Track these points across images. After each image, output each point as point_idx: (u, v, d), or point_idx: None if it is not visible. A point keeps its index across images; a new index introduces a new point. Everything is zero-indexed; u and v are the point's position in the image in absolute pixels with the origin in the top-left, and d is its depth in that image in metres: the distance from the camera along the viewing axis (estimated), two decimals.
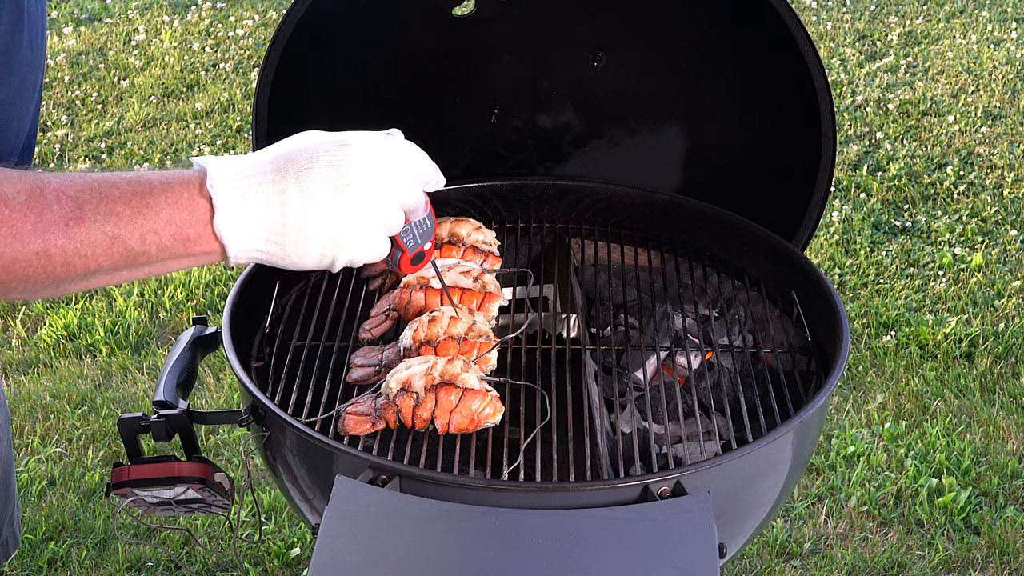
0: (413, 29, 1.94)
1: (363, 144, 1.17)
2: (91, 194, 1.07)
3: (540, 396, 1.55)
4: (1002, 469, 3.05)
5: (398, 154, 1.20)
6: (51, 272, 1.06)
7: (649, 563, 1.26)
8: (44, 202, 1.04)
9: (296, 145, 1.17)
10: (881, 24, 6.03)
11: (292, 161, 1.14)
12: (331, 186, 1.14)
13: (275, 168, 1.14)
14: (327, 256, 1.17)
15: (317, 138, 1.18)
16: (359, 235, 1.17)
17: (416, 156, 1.22)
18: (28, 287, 1.06)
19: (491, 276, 1.67)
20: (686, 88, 2.01)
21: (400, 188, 1.20)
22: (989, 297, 3.80)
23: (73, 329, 3.72)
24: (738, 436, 1.62)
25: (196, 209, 1.10)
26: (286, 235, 1.14)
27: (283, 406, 1.52)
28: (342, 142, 1.17)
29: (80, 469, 3.11)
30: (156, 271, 1.13)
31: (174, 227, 1.10)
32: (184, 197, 1.10)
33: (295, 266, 1.18)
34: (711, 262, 1.96)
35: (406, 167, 1.21)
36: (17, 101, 1.27)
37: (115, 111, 5.29)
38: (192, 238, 1.11)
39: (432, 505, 1.31)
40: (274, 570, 2.78)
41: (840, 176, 4.55)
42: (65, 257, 1.05)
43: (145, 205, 1.08)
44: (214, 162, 1.13)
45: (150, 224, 1.08)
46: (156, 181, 1.10)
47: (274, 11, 6.25)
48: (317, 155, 1.15)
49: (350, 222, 1.16)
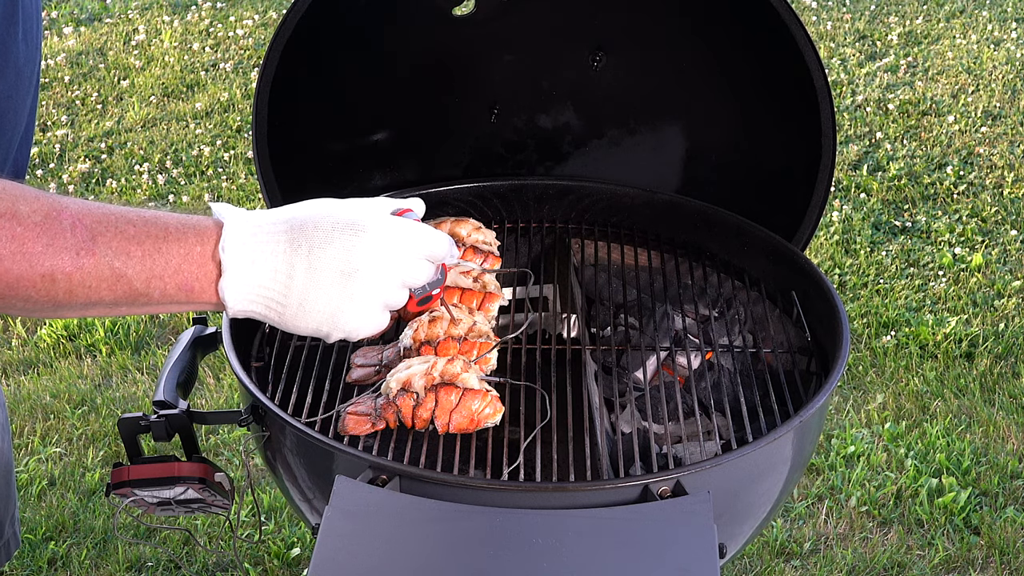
0: (413, 29, 1.94)
1: (378, 231, 1.18)
2: (106, 227, 1.07)
3: (540, 396, 1.55)
4: (1002, 469, 3.05)
5: (410, 240, 1.21)
6: (52, 297, 1.06)
7: (649, 563, 1.26)
8: (59, 227, 1.04)
9: (312, 215, 1.17)
10: (881, 24, 6.03)
11: (306, 235, 1.15)
12: (339, 271, 1.16)
13: (289, 239, 1.15)
14: (322, 331, 1.19)
15: (334, 212, 1.18)
16: (358, 317, 1.19)
17: (429, 240, 1.23)
18: (27, 306, 1.07)
19: (491, 276, 1.67)
20: (686, 88, 2.01)
21: (408, 272, 1.21)
22: (989, 297, 3.80)
23: (73, 329, 3.72)
24: (738, 436, 1.62)
25: (205, 266, 1.12)
26: (286, 306, 1.16)
27: (283, 406, 1.52)
28: (358, 226, 1.17)
29: (80, 469, 3.11)
30: (152, 311, 1.15)
31: (180, 278, 1.11)
32: (196, 251, 1.11)
33: (288, 331, 1.20)
34: (711, 262, 1.95)
35: (418, 251, 1.22)
36: (13, 95, 1.27)
37: (115, 111, 5.29)
38: (196, 290, 1.12)
39: (432, 505, 1.31)
40: (274, 570, 2.78)
41: (840, 176, 4.55)
42: (70, 285, 1.06)
43: (157, 250, 1.09)
44: (232, 217, 1.14)
45: (158, 270, 1.10)
46: (172, 227, 1.11)
47: (274, 11, 6.25)
48: (332, 236, 1.15)
49: (351, 307, 1.18)
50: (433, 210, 1.90)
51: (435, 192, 1.97)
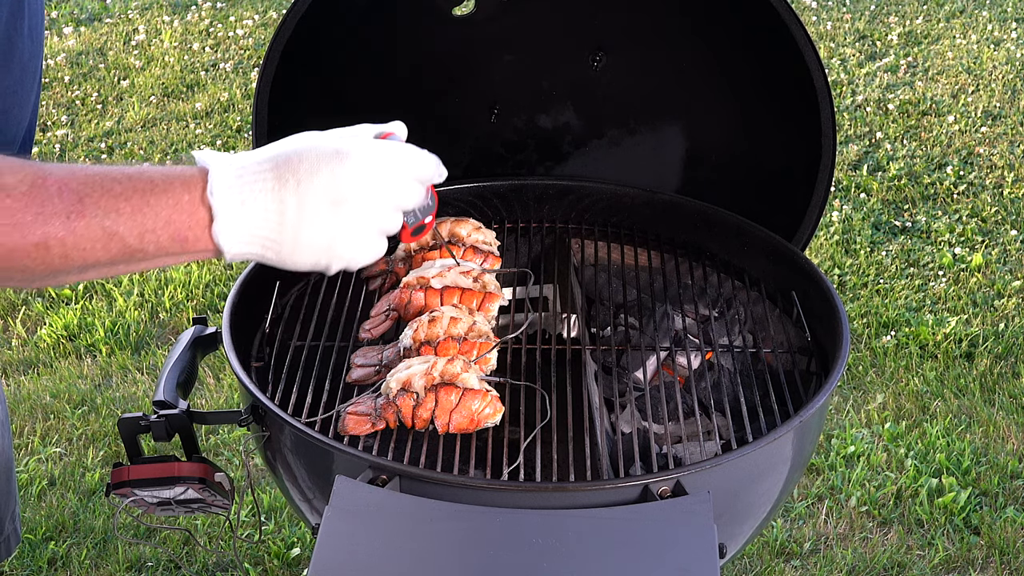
0: (413, 29, 1.94)
1: (361, 155, 1.17)
2: (92, 188, 1.07)
3: (540, 396, 1.55)
4: (1002, 469, 3.05)
5: (396, 160, 1.20)
6: (49, 263, 1.06)
7: (649, 563, 1.26)
8: (46, 194, 1.04)
9: (296, 149, 1.16)
10: (881, 24, 6.03)
11: (292, 168, 1.14)
12: (329, 200, 1.15)
13: (275, 176, 1.14)
14: (321, 263, 1.19)
15: (317, 144, 1.17)
16: (354, 243, 1.18)
17: (415, 158, 1.22)
18: (24, 276, 1.07)
19: (491, 276, 1.67)
20: (686, 88, 2.01)
21: (398, 193, 1.20)
22: (989, 297, 3.80)
23: (73, 329, 3.72)
24: (738, 436, 1.62)
25: (195, 213, 1.11)
26: (281, 243, 1.15)
27: (283, 406, 1.52)
28: (342, 153, 1.16)
29: (80, 469, 3.11)
30: (151, 266, 1.14)
31: (172, 228, 1.10)
32: (184, 200, 1.10)
33: (288, 268, 1.19)
34: (711, 262, 1.96)
35: (405, 171, 1.21)
36: (19, 89, 1.28)
37: (115, 111, 5.29)
38: (190, 239, 1.11)
39: (432, 505, 1.31)
40: (274, 570, 2.78)
41: (840, 176, 4.55)
42: (64, 249, 1.06)
43: (145, 204, 1.09)
44: (216, 161, 1.13)
45: (149, 223, 1.09)
46: (158, 179, 1.10)
47: (274, 11, 6.25)
48: (317, 166, 1.15)
49: (346, 234, 1.17)
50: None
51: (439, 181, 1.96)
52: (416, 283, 1.66)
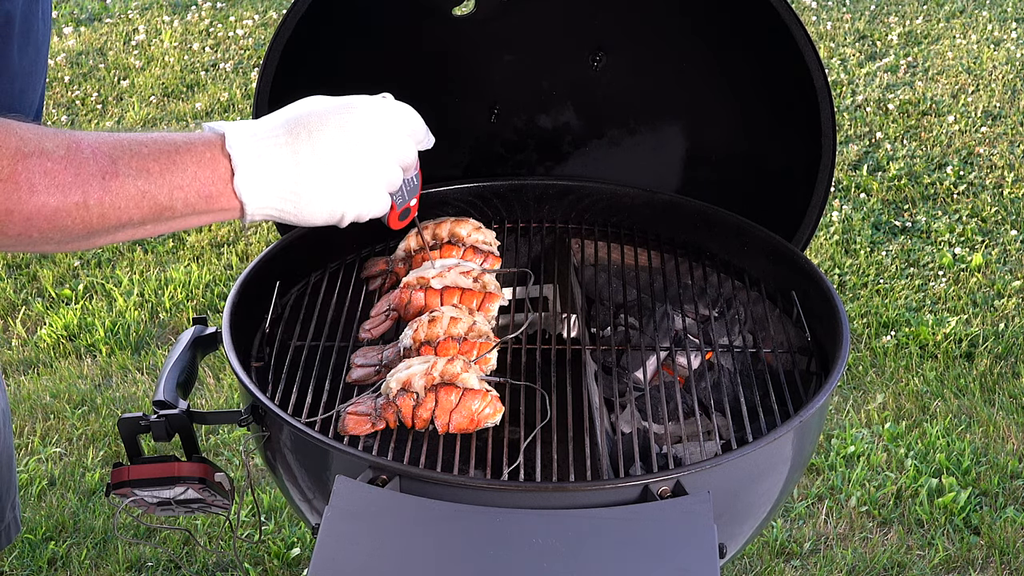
0: (413, 29, 1.94)
1: (366, 107, 1.27)
2: (123, 151, 1.14)
3: (540, 396, 1.55)
4: (1002, 469, 3.05)
5: (396, 115, 1.30)
6: (87, 223, 1.12)
7: (649, 563, 1.26)
8: (81, 156, 1.11)
9: (305, 109, 1.25)
10: (881, 24, 6.03)
11: (303, 124, 1.23)
12: (340, 146, 1.23)
13: (287, 131, 1.22)
14: (336, 212, 1.26)
15: (323, 102, 1.26)
16: (365, 191, 1.27)
17: (411, 115, 1.32)
18: (63, 238, 1.13)
19: (491, 276, 1.67)
20: (686, 88, 2.01)
21: (399, 146, 1.29)
22: (989, 297, 3.80)
23: (73, 329, 3.72)
24: (738, 436, 1.62)
25: (218, 168, 1.19)
26: (300, 193, 1.23)
27: (283, 406, 1.52)
28: (348, 105, 1.26)
29: (80, 469, 3.11)
30: (178, 226, 1.21)
31: (199, 184, 1.18)
32: (207, 156, 1.18)
33: (306, 223, 1.26)
34: (711, 262, 1.95)
35: (403, 126, 1.30)
36: (33, 70, 1.33)
37: (115, 111, 5.29)
38: (214, 195, 1.19)
39: (432, 505, 1.31)
40: (274, 570, 2.78)
41: (840, 176, 4.55)
42: (102, 208, 1.12)
43: (172, 163, 1.16)
44: (230, 126, 1.21)
45: (177, 180, 1.16)
46: (180, 141, 1.18)
47: (274, 11, 6.25)
48: (326, 118, 1.24)
49: (358, 179, 1.25)
50: (433, 210, 1.90)
51: (435, 192, 1.97)
52: (416, 283, 1.66)
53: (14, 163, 1.07)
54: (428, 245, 1.70)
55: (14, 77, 1.29)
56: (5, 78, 1.28)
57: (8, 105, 1.29)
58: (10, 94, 1.29)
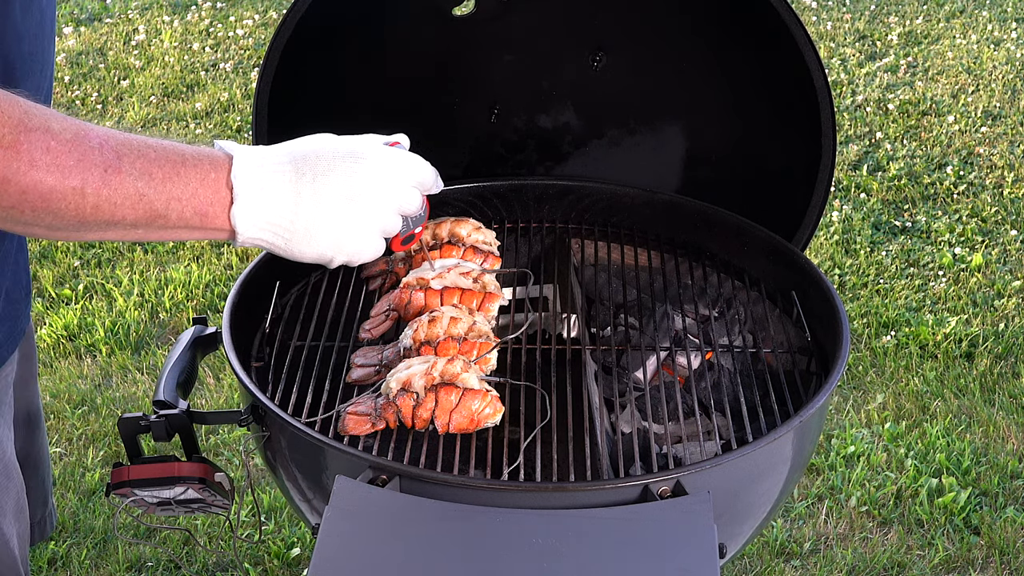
0: (413, 29, 1.94)
1: (375, 159, 1.27)
2: (129, 149, 1.15)
3: (540, 396, 1.55)
4: (1002, 469, 3.05)
5: (404, 167, 1.30)
6: (80, 212, 1.12)
7: (649, 563, 1.26)
8: (88, 145, 1.12)
9: (314, 148, 1.26)
10: (881, 24, 6.03)
11: (310, 164, 1.24)
12: (342, 196, 1.24)
13: (294, 168, 1.23)
14: (326, 256, 1.28)
15: (334, 145, 1.27)
16: (359, 240, 1.28)
17: (419, 167, 1.33)
18: (54, 223, 1.13)
19: (491, 276, 1.67)
20: (686, 88, 2.01)
21: (402, 198, 1.30)
22: (989, 297, 3.80)
23: (73, 329, 3.72)
24: (738, 436, 1.62)
25: (219, 191, 1.19)
26: (293, 232, 1.24)
27: (283, 406, 1.52)
28: (357, 155, 1.26)
29: (80, 469, 3.11)
30: (168, 237, 1.22)
31: (196, 201, 1.18)
32: (211, 177, 1.19)
33: (293, 258, 1.27)
34: (711, 262, 1.95)
35: (410, 179, 1.31)
36: (40, 33, 1.32)
37: (115, 111, 5.29)
38: (209, 215, 1.19)
39: (432, 505, 1.31)
40: (274, 570, 2.78)
41: (840, 176, 4.55)
42: (97, 200, 1.12)
43: (176, 173, 1.17)
44: (239, 151, 1.21)
45: (177, 191, 1.17)
46: (188, 154, 1.19)
47: (274, 11, 6.25)
48: (334, 164, 1.24)
49: (353, 229, 1.26)
50: (433, 210, 1.89)
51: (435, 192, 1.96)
52: (416, 283, 1.66)
53: (17, 133, 1.07)
54: (428, 245, 1.70)
55: (20, 37, 1.28)
56: (11, 37, 1.27)
57: (17, 66, 1.28)
58: (18, 54, 1.28)
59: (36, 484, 1.69)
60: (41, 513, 1.75)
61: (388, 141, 1.34)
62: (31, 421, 1.67)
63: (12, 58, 1.27)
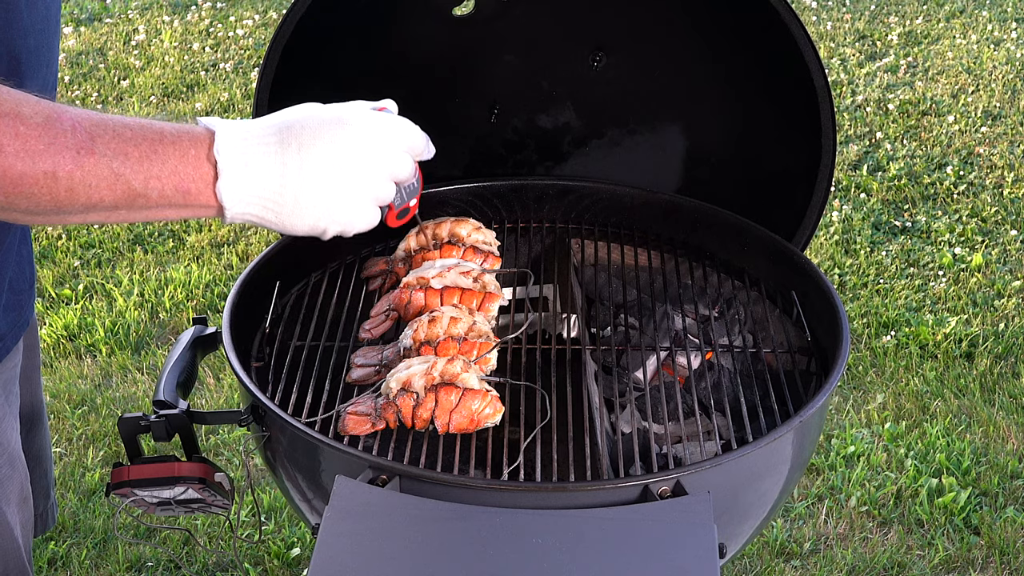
0: (413, 29, 1.94)
1: (361, 123, 1.24)
2: (104, 130, 1.12)
3: (540, 396, 1.55)
4: (1002, 469, 3.05)
5: (392, 130, 1.27)
6: (55, 196, 1.10)
7: (649, 563, 1.26)
8: (59, 127, 1.09)
9: (298, 117, 1.22)
10: (881, 24, 6.03)
11: (295, 134, 1.20)
12: (329, 164, 1.20)
13: (278, 139, 1.19)
14: (318, 226, 1.24)
15: (318, 112, 1.23)
16: (350, 208, 1.24)
17: (408, 131, 1.29)
18: (30, 207, 1.11)
19: (491, 276, 1.67)
20: (686, 88, 2.01)
21: (392, 163, 1.26)
22: (989, 297, 3.80)
23: (73, 329, 3.72)
24: (738, 436, 1.62)
25: (200, 167, 1.16)
26: (282, 204, 1.20)
27: (283, 406, 1.52)
28: (342, 119, 1.23)
29: (80, 469, 3.11)
30: (152, 216, 1.19)
31: (177, 179, 1.15)
32: (191, 154, 1.16)
33: (287, 232, 1.24)
34: (711, 262, 1.95)
35: (399, 142, 1.27)
36: (45, 28, 1.31)
37: (115, 111, 5.29)
38: (192, 192, 1.17)
39: (432, 505, 1.31)
40: (274, 570, 2.78)
41: (840, 176, 4.55)
42: (71, 183, 1.10)
43: (153, 151, 1.14)
44: (221, 126, 1.19)
45: (155, 170, 1.14)
46: (167, 131, 1.16)
47: (274, 11, 6.25)
48: (319, 131, 1.21)
49: (343, 197, 1.23)
50: (433, 210, 1.90)
51: (435, 192, 1.97)
52: (416, 283, 1.66)
53: None
54: (428, 246, 1.69)
55: (26, 32, 1.27)
56: (17, 32, 1.26)
57: (23, 60, 1.27)
58: (24, 49, 1.27)
59: (39, 476, 1.70)
60: (43, 505, 1.75)
61: (375, 106, 1.30)
62: (34, 414, 1.68)
63: (18, 53, 1.27)
